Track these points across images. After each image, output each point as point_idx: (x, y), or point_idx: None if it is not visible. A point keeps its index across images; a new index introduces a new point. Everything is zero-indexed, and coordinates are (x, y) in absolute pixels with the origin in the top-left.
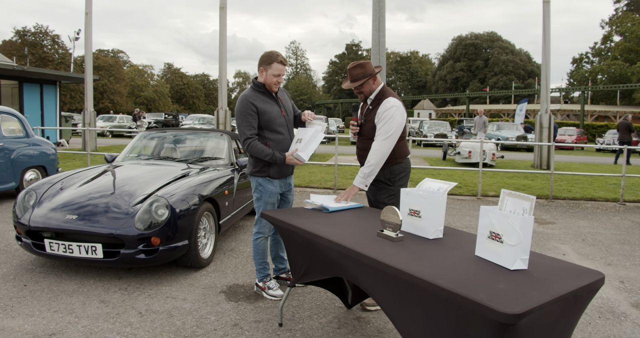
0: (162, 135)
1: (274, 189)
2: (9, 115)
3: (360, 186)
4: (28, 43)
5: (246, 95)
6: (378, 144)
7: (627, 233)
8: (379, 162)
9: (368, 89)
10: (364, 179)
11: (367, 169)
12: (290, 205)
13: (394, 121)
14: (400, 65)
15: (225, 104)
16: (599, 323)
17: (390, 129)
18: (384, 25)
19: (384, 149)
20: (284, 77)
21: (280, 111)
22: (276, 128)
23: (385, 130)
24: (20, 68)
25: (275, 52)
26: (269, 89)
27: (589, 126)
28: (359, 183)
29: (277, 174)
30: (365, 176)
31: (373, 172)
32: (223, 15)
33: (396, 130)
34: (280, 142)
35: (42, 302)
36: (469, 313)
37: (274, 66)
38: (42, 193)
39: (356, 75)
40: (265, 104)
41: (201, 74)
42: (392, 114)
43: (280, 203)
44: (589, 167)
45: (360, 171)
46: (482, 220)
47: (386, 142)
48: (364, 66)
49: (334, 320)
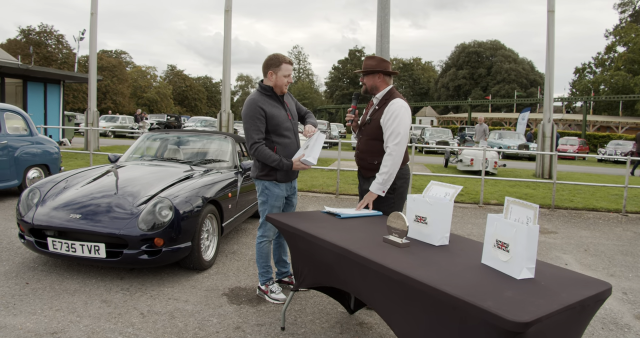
0: (166, 137)
1: (281, 193)
2: (13, 113)
3: (378, 192)
4: (32, 42)
5: (255, 99)
6: (391, 148)
7: (629, 245)
8: (395, 166)
9: (370, 83)
10: (382, 185)
11: (384, 175)
12: (294, 209)
13: (403, 122)
14: (403, 72)
15: (228, 107)
16: (602, 335)
17: (400, 131)
18: (388, 31)
19: (398, 153)
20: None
21: (287, 115)
22: (283, 132)
23: (396, 133)
24: (25, 67)
25: (280, 54)
26: (280, 91)
27: (590, 136)
28: (376, 189)
29: (284, 178)
30: (383, 182)
31: (390, 177)
32: (228, 18)
33: (405, 131)
34: (287, 146)
35: (44, 301)
36: (476, 321)
37: (283, 67)
38: (46, 191)
39: (367, 65)
40: (273, 108)
41: (204, 76)
42: (401, 114)
43: (284, 206)
44: (591, 177)
45: (377, 177)
46: (489, 229)
47: (399, 146)
48: (377, 60)
49: (337, 325)
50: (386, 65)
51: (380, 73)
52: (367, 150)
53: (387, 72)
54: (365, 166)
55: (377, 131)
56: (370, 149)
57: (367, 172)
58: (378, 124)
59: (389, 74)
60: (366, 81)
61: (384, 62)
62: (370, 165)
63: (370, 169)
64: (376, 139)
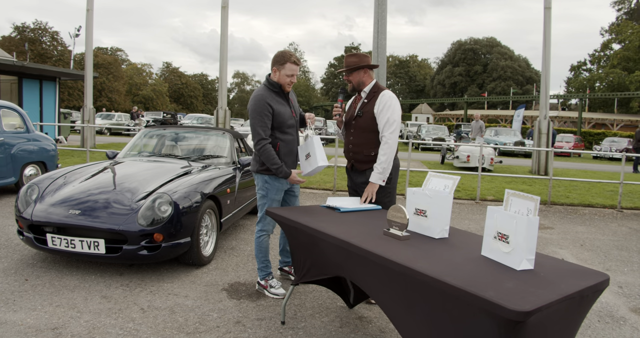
0: (164, 133)
1: (281, 186)
2: (9, 110)
3: (378, 182)
4: (27, 39)
5: (262, 95)
6: (387, 137)
7: (624, 240)
8: (391, 155)
9: (357, 79)
10: (381, 175)
11: (383, 163)
12: (297, 199)
13: (396, 111)
14: (399, 69)
15: (225, 104)
16: (599, 327)
17: (394, 119)
18: (385, 28)
19: (394, 141)
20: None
21: (291, 112)
22: (286, 129)
23: (390, 122)
24: (20, 64)
25: (288, 51)
26: (283, 89)
27: (586, 133)
28: (376, 179)
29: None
30: (382, 171)
31: (389, 166)
32: (225, 14)
33: (399, 120)
34: (289, 142)
35: (44, 297)
36: (478, 311)
37: (287, 66)
38: (45, 188)
39: (349, 63)
40: (279, 105)
41: (200, 73)
42: (393, 104)
43: (288, 198)
44: (586, 174)
45: (375, 167)
46: (489, 221)
47: (394, 134)
48: (358, 56)
49: (336, 319)
50: (368, 59)
51: (365, 68)
52: (361, 143)
53: (370, 66)
54: (361, 159)
55: (371, 123)
56: (365, 141)
57: (363, 165)
58: (371, 116)
59: (371, 67)
60: (352, 78)
61: (365, 57)
62: (366, 157)
63: (366, 162)
64: (371, 131)
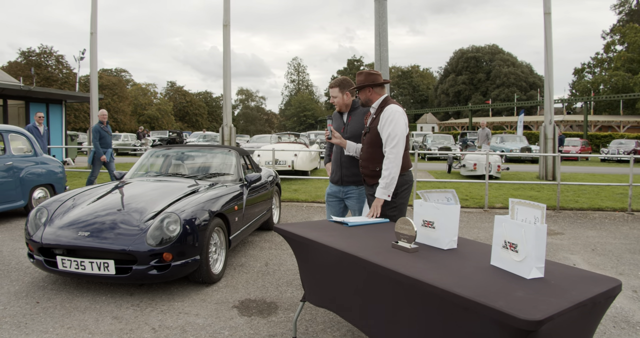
0: (170, 152)
1: (328, 190)
2: (17, 134)
3: (383, 197)
4: (33, 63)
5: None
6: (389, 151)
7: (637, 243)
8: (396, 169)
9: (364, 97)
10: (385, 189)
11: (386, 178)
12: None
13: (398, 125)
14: (401, 80)
15: (229, 121)
16: (614, 333)
17: (396, 133)
18: (386, 40)
19: (396, 155)
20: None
21: (341, 130)
22: None
23: (392, 137)
24: (27, 88)
25: (340, 78)
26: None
27: (592, 136)
28: (381, 194)
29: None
30: (386, 186)
31: (393, 181)
32: (227, 32)
33: (401, 133)
34: (335, 153)
35: (55, 319)
36: (489, 322)
37: (330, 91)
38: (54, 210)
39: (358, 81)
40: (336, 122)
41: (204, 91)
42: (396, 118)
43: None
44: (595, 177)
45: (380, 182)
46: (497, 230)
47: (396, 148)
48: (364, 75)
49: (348, 334)
50: (374, 77)
51: (369, 87)
52: (368, 158)
53: (374, 85)
54: (369, 174)
55: (377, 138)
56: (372, 156)
57: (371, 180)
58: (377, 132)
59: (378, 85)
60: (360, 95)
61: (371, 75)
62: (372, 172)
63: (373, 176)
64: (377, 146)
